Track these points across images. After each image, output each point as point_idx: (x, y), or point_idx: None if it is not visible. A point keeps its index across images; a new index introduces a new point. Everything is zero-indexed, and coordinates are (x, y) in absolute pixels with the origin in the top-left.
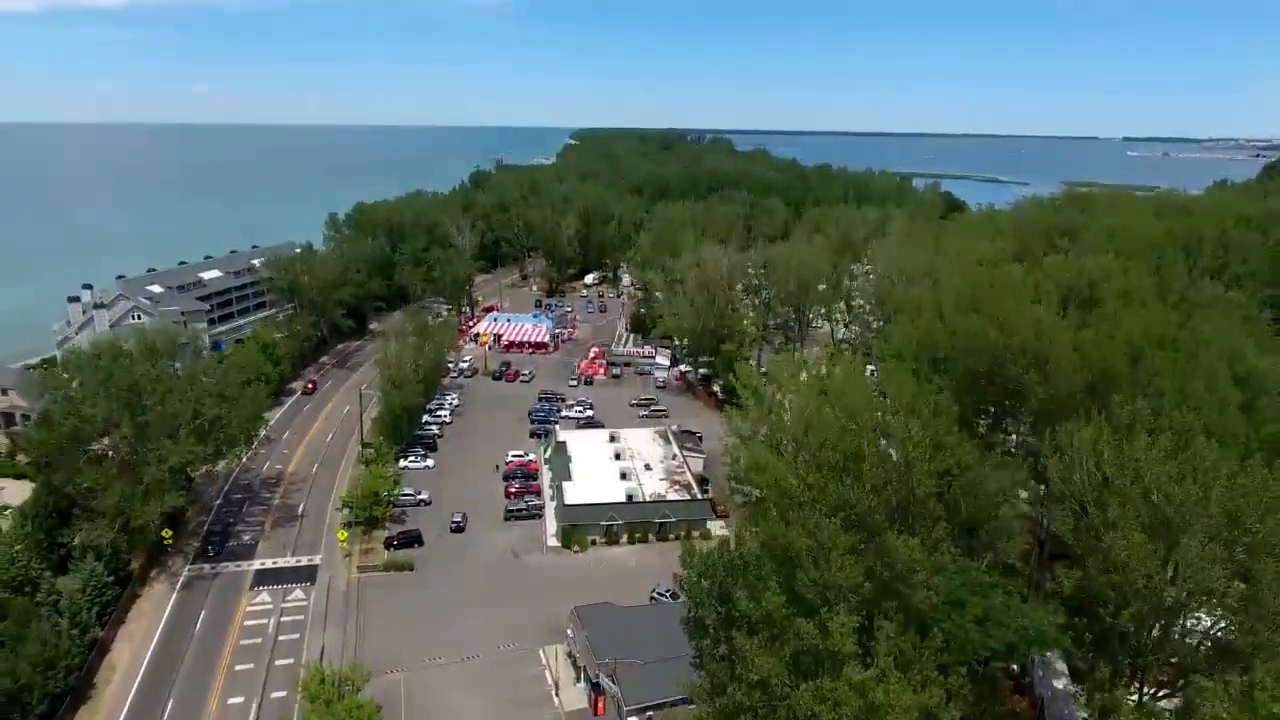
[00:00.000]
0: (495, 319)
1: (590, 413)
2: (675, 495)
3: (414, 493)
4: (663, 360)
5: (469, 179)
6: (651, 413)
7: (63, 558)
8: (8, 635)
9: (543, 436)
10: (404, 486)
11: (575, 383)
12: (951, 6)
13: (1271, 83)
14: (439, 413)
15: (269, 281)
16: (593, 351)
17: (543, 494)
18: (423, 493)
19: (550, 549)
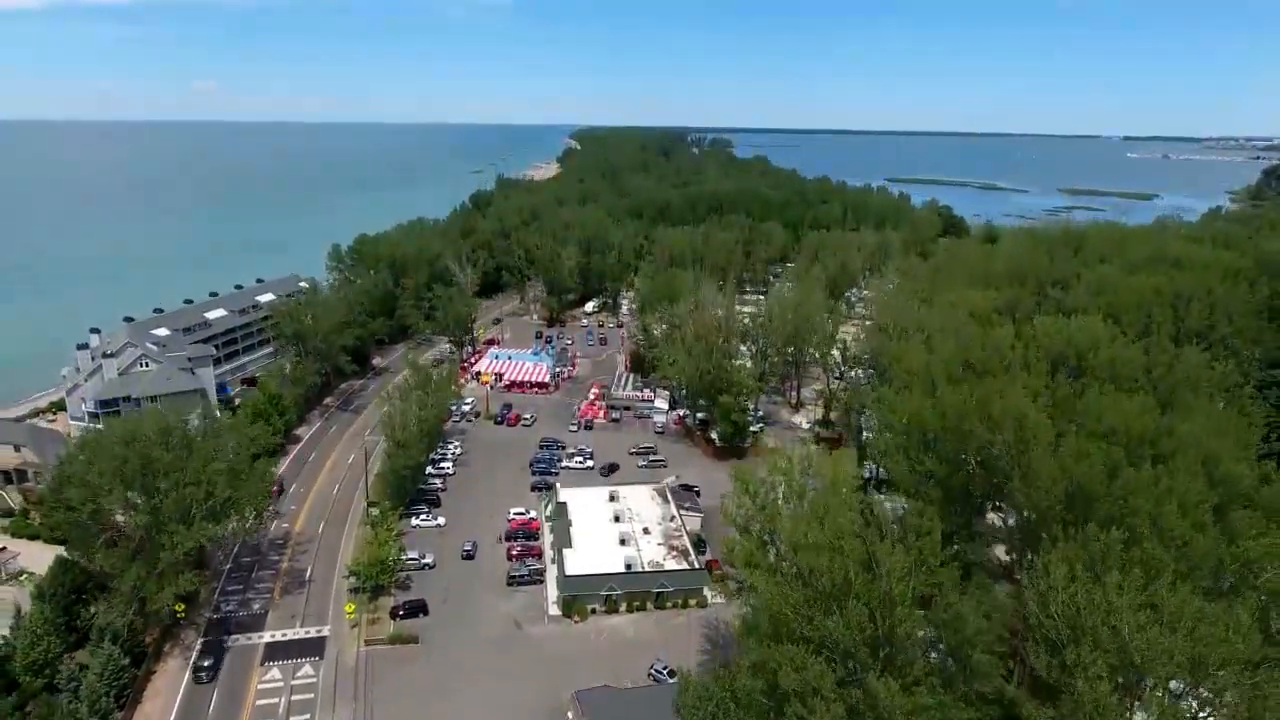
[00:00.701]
0: (496, 356)
1: (590, 463)
2: (673, 563)
3: (418, 556)
4: (661, 404)
5: (470, 199)
6: (651, 463)
7: (81, 635)
8: None
9: (544, 490)
10: (409, 549)
11: (575, 427)
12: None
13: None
14: (442, 464)
15: (274, 328)
16: (593, 392)
17: (544, 556)
18: (427, 556)
19: (552, 618)
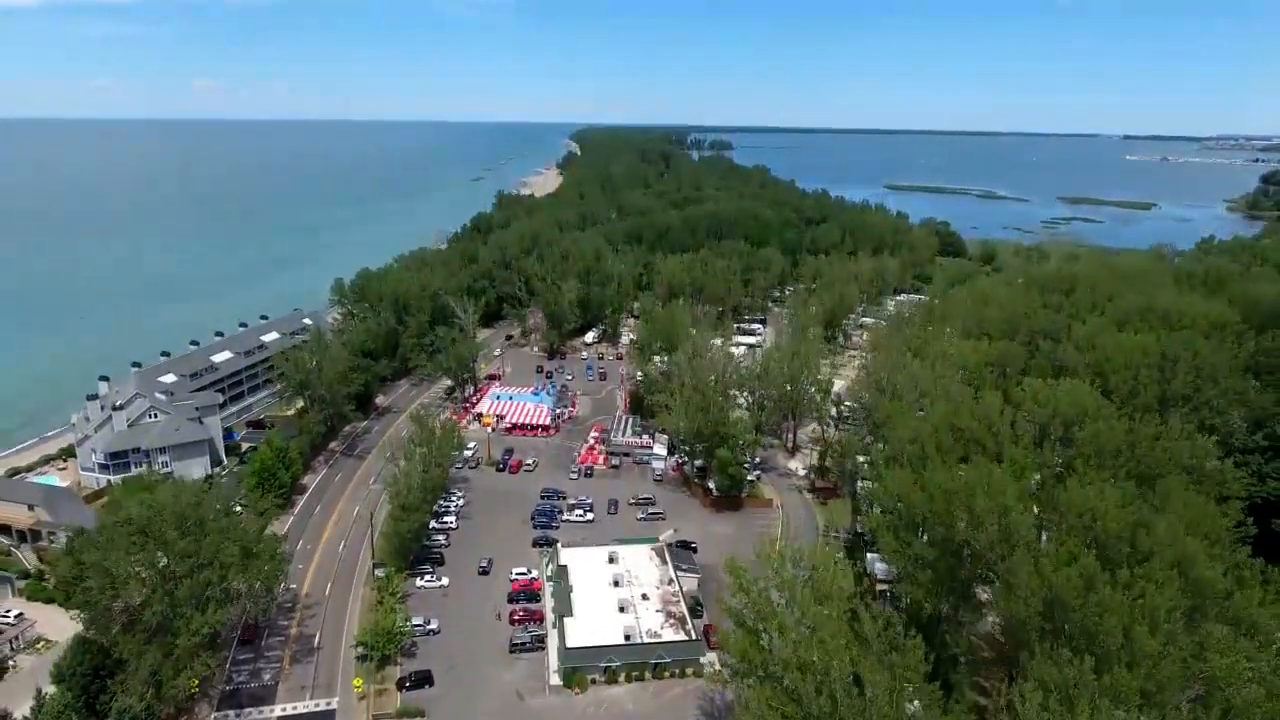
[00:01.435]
0: (498, 397)
1: (590, 515)
2: (670, 632)
3: (424, 622)
4: (660, 450)
5: (471, 223)
6: (649, 515)
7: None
8: None
9: (545, 546)
10: (414, 615)
11: (575, 474)
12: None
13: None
14: (445, 518)
15: (281, 377)
16: (593, 436)
17: (545, 619)
18: (432, 622)
19: (553, 688)
